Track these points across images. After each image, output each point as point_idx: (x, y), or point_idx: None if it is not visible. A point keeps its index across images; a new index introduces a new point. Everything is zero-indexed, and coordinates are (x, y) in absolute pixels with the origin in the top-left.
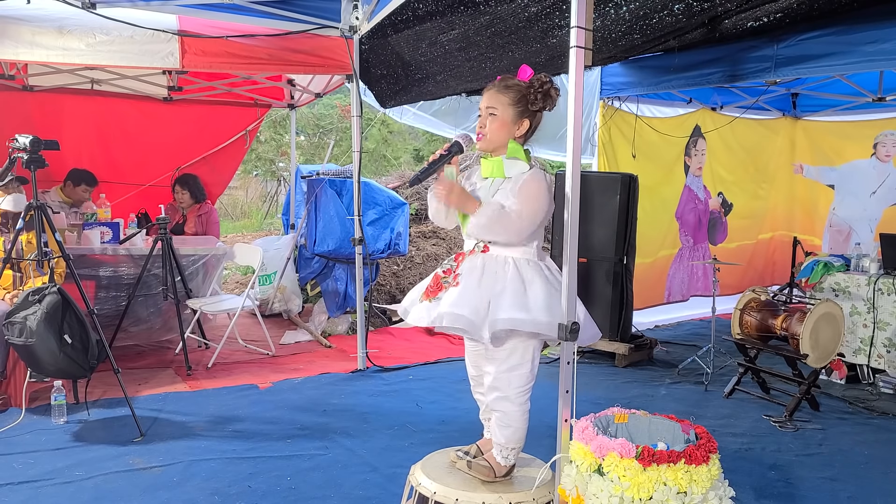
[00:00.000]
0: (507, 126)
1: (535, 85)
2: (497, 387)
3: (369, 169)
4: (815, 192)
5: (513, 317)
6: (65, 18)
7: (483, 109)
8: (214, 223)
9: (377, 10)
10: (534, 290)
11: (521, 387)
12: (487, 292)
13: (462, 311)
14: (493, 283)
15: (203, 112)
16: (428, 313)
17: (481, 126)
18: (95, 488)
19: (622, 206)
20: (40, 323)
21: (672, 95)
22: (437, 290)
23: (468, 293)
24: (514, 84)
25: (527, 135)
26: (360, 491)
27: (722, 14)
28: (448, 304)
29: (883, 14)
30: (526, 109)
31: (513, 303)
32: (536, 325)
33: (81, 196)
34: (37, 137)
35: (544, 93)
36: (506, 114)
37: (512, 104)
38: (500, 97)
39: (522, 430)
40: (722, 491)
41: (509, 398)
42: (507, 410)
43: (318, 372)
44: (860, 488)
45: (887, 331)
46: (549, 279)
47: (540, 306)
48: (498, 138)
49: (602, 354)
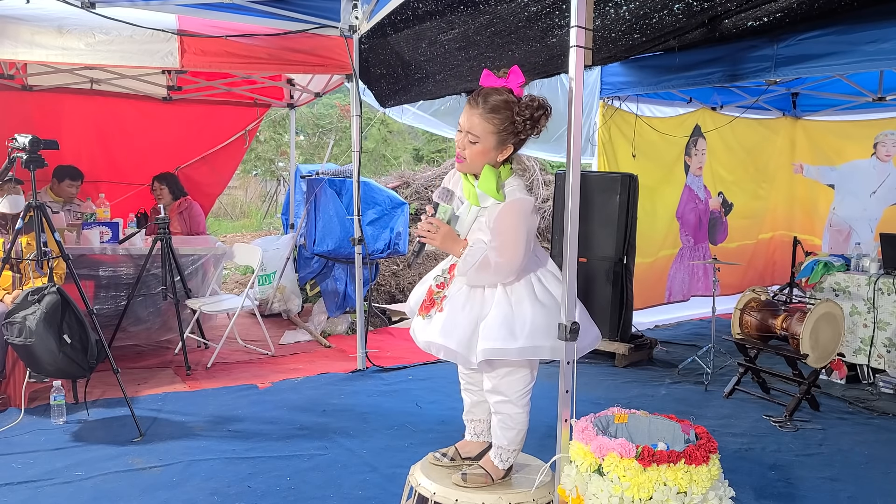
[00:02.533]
0: (488, 153)
1: (524, 114)
2: (499, 391)
3: (369, 168)
4: (815, 192)
5: (497, 347)
6: (64, 18)
7: (463, 127)
8: (198, 215)
9: (377, 10)
10: (521, 312)
11: (522, 389)
12: (475, 316)
13: (450, 344)
14: (481, 305)
15: (202, 112)
16: (422, 332)
17: (461, 148)
18: (95, 488)
19: (622, 206)
20: (39, 323)
21: (672, 95)
22: (430, 305)
23: (453, 322)
24: (501, 106)
25: (511, 155)
26: (360, 491)
27: (722, 14)
28: (436, 332)
29: (883, 14)
30: (511, 136)
31: (498, 330)
32: (522, 352)
33: (69, 192)
34: (36, 137)
35: (534, 121)
36: (488, 142)
37: (496, 133)
38: (485, 124)
39: (524, 432)
40: (722, 491)
41: (511, 401)
42: (510, 413)
43: (318, 372)
44: (860, 488)
45: (887, 331)
46: (538, 296)
47: (526, 332)
48: (478, 164)
49: (602, 354)
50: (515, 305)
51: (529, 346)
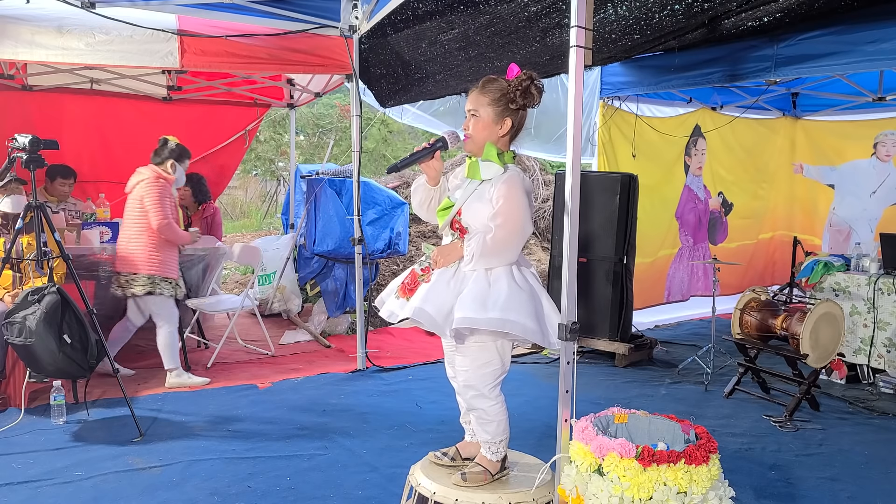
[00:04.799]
0: (488, 126)
1: (513, 83)
2: (471, 384)
3: (369, 168)
4: (815, 192)
5: (468, 316)
6: (64, 18)
7: (466, 111)
8: (219, 225)
9: (377, 10)
10: (496, 289)
11: (492, 382)
12: (455, 291)
13: (426, 308)
14: (461, 283)
15: (202, 112)
16: (400, 309)
17: (465, 128)
18: (94, 488)
19: (622, 205)
20: (39, 323)
21: (672, 95)
22: (413, 288)
23: (435, 291)
24: (494, 83)
25: (511, 133)
26: (360, 491)
27: (722, 14)
28: (417, 299)
29: (883, 14)
30: (507, 108)
31: (472, 303)
32: (490, 322)
33: (62, 190)
34: (36, 137)
35: (524, 90)
36: (486, 114)
37: (491, 104)
38: (480, 98)
39: (505, 422)
40: (722, 491)
41: (483, 394)
42: (484, 407)
43: (318, 372)
44: (860, 488)
45: (887, 331)
46: (515, 279)
47: (499, 306)
48: (482, 139)
49: (602, 354)
50: (493, 283)
51: (499, 318)
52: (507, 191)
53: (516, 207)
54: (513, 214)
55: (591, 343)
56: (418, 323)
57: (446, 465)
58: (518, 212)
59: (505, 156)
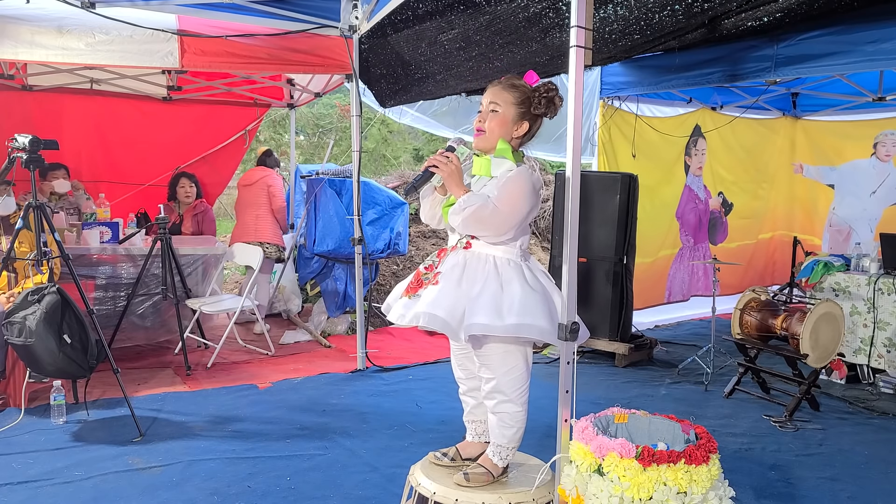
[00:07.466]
0: (507, 124)
1: (540, 90)
2: (500, 391)
3: (369, 168)
4: (815, 192)
5: (485, 323)
6: (64, 18)
7: (485, 105)
8: (211, 221)
9: (377, 10)
10: (510, 292)
11: (520, 387)
12: (466, 293)
13: (438, 312)
14: (472, 283)
15: (202, 112)
16: (406, 311)
17: (480, 121)
18: (94, 488)
19: (622, 205)
20: (39, 323)
21: (672, 95)
22: (417, 286)
23: (446, 293)
24: (521, 85)
25: (524, 138)
26: (360, 491)
27: (722, 14)
28: (426, 303)
29: (883, 14)
30: (528, 112)
31: (487, 308)
32: (507, 329)
33: (52, 187)
34: (36, 137)
35: (549, 99)
36: (508, 112)
37: (516, 104)
38: (505, 94)
39: (521, 432)
40: (722, 491)
41: (512, 400)
42: (510, 412)
43: (318, 372)
44: (860, 488)
45: (887, 331)
46: (527, 280)
47: (514, 311)
48: (497, 135)
49: (602, 354)
50: (505, 286)
51: (515, 324)
52: (516, 176)
53: (518, 194)
54: (513, 198)
55: (591, 343)
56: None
57: (446, 466)
58: (518, 199)
59: (517, 154)
